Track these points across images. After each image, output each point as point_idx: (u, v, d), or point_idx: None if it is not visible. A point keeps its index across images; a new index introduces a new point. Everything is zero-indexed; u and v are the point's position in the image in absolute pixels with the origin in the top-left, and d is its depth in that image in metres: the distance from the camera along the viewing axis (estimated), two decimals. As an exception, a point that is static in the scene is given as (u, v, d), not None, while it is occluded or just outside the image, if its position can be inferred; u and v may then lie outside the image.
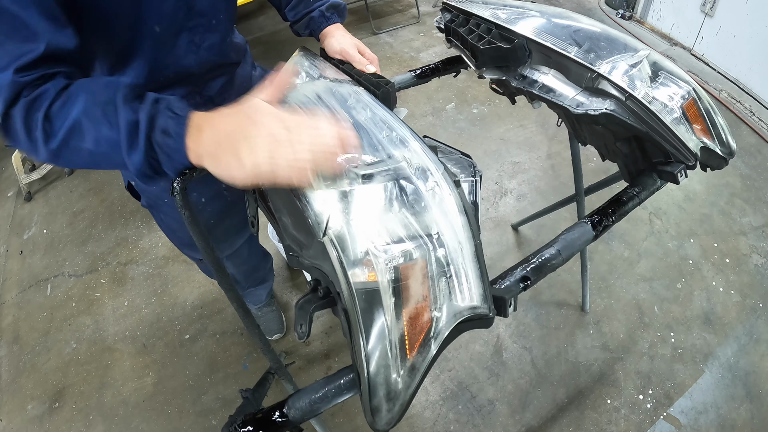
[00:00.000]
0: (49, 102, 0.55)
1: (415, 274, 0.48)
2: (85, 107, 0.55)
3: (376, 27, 3.52)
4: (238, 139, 0.53)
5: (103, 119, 0.55)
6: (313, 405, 0.51)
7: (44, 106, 0.54)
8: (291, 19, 1.00)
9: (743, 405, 1.47)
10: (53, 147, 0.55)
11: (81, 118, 0.55)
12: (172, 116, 0.56)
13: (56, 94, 0.55)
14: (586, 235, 0.66)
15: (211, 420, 1.54)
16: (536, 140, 2.47)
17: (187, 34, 0.81)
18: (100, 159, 0.58)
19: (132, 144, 0.55)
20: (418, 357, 0.47)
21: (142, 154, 0.55)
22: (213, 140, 0.54)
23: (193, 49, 0.84)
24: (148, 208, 1.10)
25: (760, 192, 2.12)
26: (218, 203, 1.10)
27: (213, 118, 0.56)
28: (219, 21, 0.86)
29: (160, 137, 0.55)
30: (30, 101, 0.54)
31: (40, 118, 0.54)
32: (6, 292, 2.05)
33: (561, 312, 1.73)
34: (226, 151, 0.53)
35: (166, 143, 0.55)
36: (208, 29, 0.84)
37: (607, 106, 0.72)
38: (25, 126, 0.55)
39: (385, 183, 0.53)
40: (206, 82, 0.92)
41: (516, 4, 0.92)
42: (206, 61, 0.88)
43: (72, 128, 0.55)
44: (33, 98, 0.54)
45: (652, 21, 3.28)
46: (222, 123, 0.55)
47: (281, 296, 1.89)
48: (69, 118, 0.54)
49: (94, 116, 0.55)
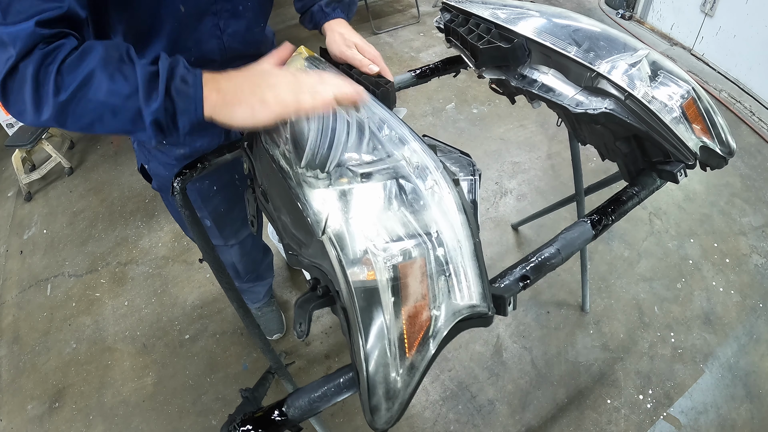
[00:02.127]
0: (65, 54, 0.55)
1: (414, 272, 0.48)
2: (100, 61, 0.56)
3: (376, 27, 3.52)
4: (259, 83, 0.59)
5: (118, 72, 0.56)
6: (312, 404, 0.50)
7: (59, 58, 0.55)
8: (298, 10, 0.98)
9: (743, 405, 1.47)
10: (62, 99, 0.55)
11: (95, 71, 0.55)
12: (188, 69, 0.60)
13: (71, 49, 0.56)
14: (585, 234, 0.66)
15: (211, 420, 1.54)
16: (536, 140, 2.47)
17: (211, 17, 0.82)
18: (108, 113, 0.57)
19: (150, 92, 0.57)
20: (417, 356, 0.47)
21: (160, 102, 0.57)
22: (232, 87, 0.59)
23: (216, 33, 0.84)
24: (159, 190, 1.11)
25: (760, 192, 2.12)
26: (230, 191, 1.12)
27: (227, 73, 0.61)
28: (246, 8, 0.86)
29: (180, 84, 0.58)
30: (45, 53, 0.55)
31: (54, 70, 0.54)
32: (6, 292, 2.05)
33: (561, 312, 1.73)
34: (248, 94, 0.58)
35: (185, 91, 0.58)
36: (233, 15, 0.84)
37: (606, 105, 0.72)
38: (34, 78, 0.54)
39: (384, 182, 0.53)
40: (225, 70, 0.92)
41: (516, 4, 0.92)
42: (229, 48, 0.88)
43: (85, 80, 0.55)
44: (49, 50, 0.55)
45: (652, 21, 3.28)
46: (237, 74, 0.61)
47: (281, 296, 1.89)
48: (83, 70, 0.55)
49: (109, 69, 0.56)
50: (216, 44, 0.86)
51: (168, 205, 1.19)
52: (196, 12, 0.79)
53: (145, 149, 1.02)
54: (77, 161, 2.72)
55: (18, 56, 0.54)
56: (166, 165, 1.01)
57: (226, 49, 0.88)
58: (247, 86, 0.60)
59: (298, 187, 0.53)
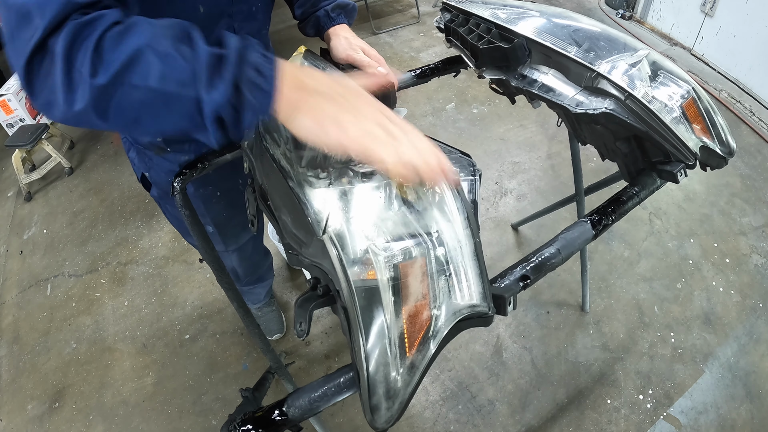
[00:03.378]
0: (106, 27, 0.45)
1: (414, 272, 0.48)
2: (150, 38, 0.45)
3: (376, 27, 3.52)
4: (343, 102, 0.50)
5: (174, 52, 0.45)
6: (312, 403, 0.50)
7: (98, 31, 0.44)
8: (298, 17, 0.99)
9: (743, 405, 1.47)
10: (101, 82, 0.44)
11: (144, 49, 0.45)
12: (263, 56, 0.49)
13: (112, 22, 0.45)
14: (585, 234, 0.66)
15: (211, 420, 1.54)
16: (536, 140, 2.48)
17: (227, 20, 0.81)
18: (161, 104, 0.46)
19: (214, 78, 0.46)
20: (417, 355, 0.47)
21: (225, 91, 0.46)
22: (317, 91, 0.50)
23: None
24: (158, 199, 1.10)
25: (760, 192, 2.12)
26: (233, 197, 1.10)
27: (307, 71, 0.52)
28: (258, 9, 0.86)
29: (253, 74, 0.47)
30: (81, 24, 0.44)
31: (91, 45, 0.43)
32: (6, 292, 2.05)
33: (561, 312, 1.73)
34: (331, 106, 0.49)
35: (258, 83, 0.47)
36: (247, 17, 0.84)
37: (606, 105, 0.72)
38: (66, 56, 0.43)
39: (384, 182, 0.53)
40: None
41: (516, 4, 0.92)
42: None
43: (131, 60, 0.44)
44: (85, 21, 0.44)
45: (652, 21, 3.28)
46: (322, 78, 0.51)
47: (281, 296, 1.89)
48: (129, 47, 0.44)
49: (162, 48, 0.45)
50: None
51: (166, 213, 1.17)
52: (215, 13, 0.78)
53: (145, 157, 0.99)
54: (77, 161, 2.72)
55: (46, 30, 0.43)
56: (169, 172, 0.98)
57: None
58: (333, 96, 0.50)
59: (299, 187, 0.53)
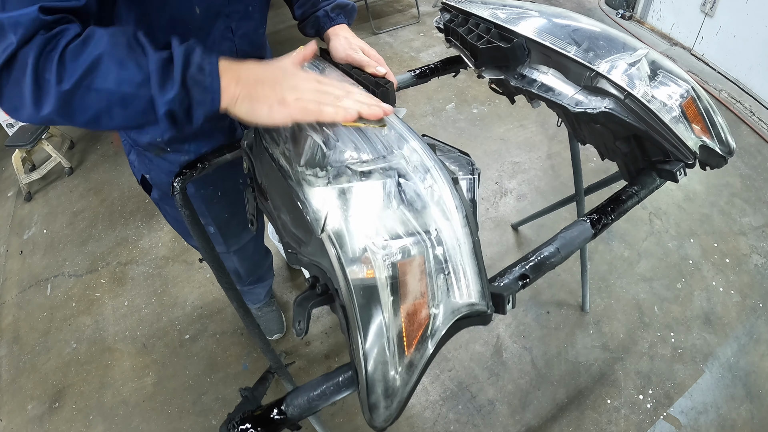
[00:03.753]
0: (68, 40, 0.51)
1: (413, 270, 0.48)
2: (107, 47, 0.52)
3: (376, 27, 3.52)
4: (281, 82, 0.57)
5: (128, 59, 0.52)
6: (311, 402, 0.50)
7: (62, 43, 0.51)
8: (298, 17, 0.99)
9: (743, 405, 1.46)
10: (66, 88, 0.51)
11: (102, 57, 0.51)
12: (204, 57, 0.56)
13: (74, 35, 0.52)
14: (585, 234, 0.66)
15: (211, 420, 1.54)
16: (536, 140, 2.48)
17: (224, 20, 0.81)
18: (118, 104, 0.53)
19: (165, 81, 0.53)
20: (416, 354, 0.47)
21: (176, 91, 0.53)
22: (254, 80, 0.57)
23: (228, 35, 0.84)
24: (158, 201, 1.09)
25: (760, 192, 2.12)
26: (234, 196, 1.10)
27: (246, 64, 0.59)
28: (254, 8, 0.86)
29: (197, 73, 0.54)
30: (47, 38, 0.51)
31: (56, 56, 0.50)
32: (6, 292, 2.05)
33: (561, 312, 1.73)
34: (269, 90, 0.56)
35: (202, 80, 0.54)
36: (243, 16, 0.84)
37: (606, 104, 0.72)
38: (35, 66, 0.50)
39: (383, 180, 0.53)
40: None
41: (515, 4, 0.92)
42: (240, 50, 0.88)
43: (91, 67, 0.51)
44: (51, 35, 0.51)
45: (652, 21, 3.28)
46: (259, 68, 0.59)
47: (281, 296, 1.89)
48: (89, 56, 0.51)
49: (118, 55, 0.52)
50: (228, 47, 0.85)
51: (166, 215, 1.17)
52: (211, 14, 0.78)
53: (145, 158, 0.99)
54: (77, 161, 2.72)
55: (18, 43, 0.50)
56: (169, 173, 0.98)
57: (238, 51, 0.87)
58: (268, 81, 0.57)
59: (298, 186, 0.53)
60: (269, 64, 0.61)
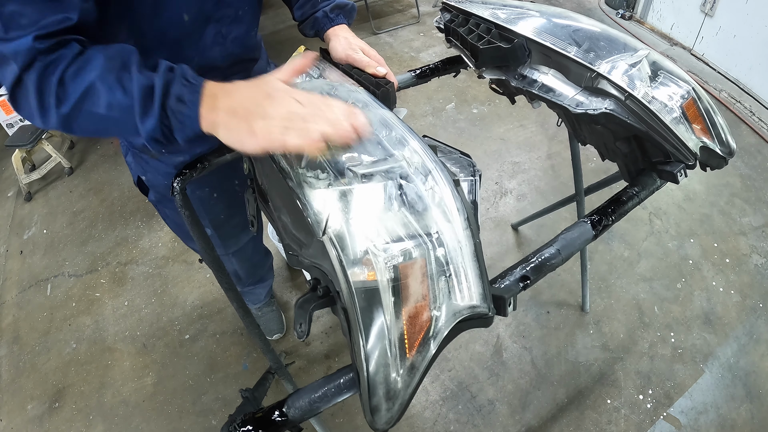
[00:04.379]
0: (65, 66, 0.55)
1: (414, 273, 0.48)
2: (100, 72, 0.55)
3: (376, 27, 3.52)
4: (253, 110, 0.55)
5: (117, 84, 0.55)
6: (312, 404, 0.50)
7: (59, 70, 0.55)
8: (298, 18, 0.99)
9: (743, 405, 1.47)
10: (65, 112, 0.56)
11: (95, 83, 0.55)
12: (186, 84, 0.57)
13: (72, 58, 0.56)
14: (585, 235, 0.66)
15: (211, 420, 1.54)
16: (536, 140, 2.48)
17: (214, 25, 0.81)
18: (111, 125, 0.58)
19: (146, 110, 0.56)
20: (417, 356, 0.47)
21: (155, 120, 0.56)
22: (228, 109, 0.56)
23: (219, 40, 0.84)
24: (156, 203, 1.09)
25: (760, 192, 2.12)
26: (230, 198, 1.10)
27: (228, 89, 0.58)
28: (245, 12, 0.86)
29: (175, 104, 0.56)
30: (45, 65, 0.54)
31: (54, 82, 0.55)
32: (6, 292, 2.05)
33: (561, 312, 1.73)
34: (240, 121, 0.55)
35: (180, 110, 0.57)
36: (234, 20, 0.84)
37: (606, 105, 0.72)
38: (37, 90, 0.55)
39: (384, 182, 0.52)
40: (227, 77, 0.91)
41: (515, 4, 0.92)
42: (231, 54, 0.87)
43: (85, 93, 0.55)
44: (48, 62, 0.55)
45: (652, 21, 3.28)
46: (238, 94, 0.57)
47: (281, 296, 1.89)
48: (83, 82, 0.55)
49: (108, 81, 0.55)
50: (219, 51, 0.85)
51: (165, 217, 1.17)
52: (200, 20, 0.78)
53: (141, 161, 0.99)
54: (77, 161, 2.72)
55: (20, 69, 0.54)
56: (165, 174, 0.99)
57: (229, 55, 0.87)
58: (241, 110, 0.56)
59: (299, 188, 0.53)
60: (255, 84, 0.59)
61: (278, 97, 0.57)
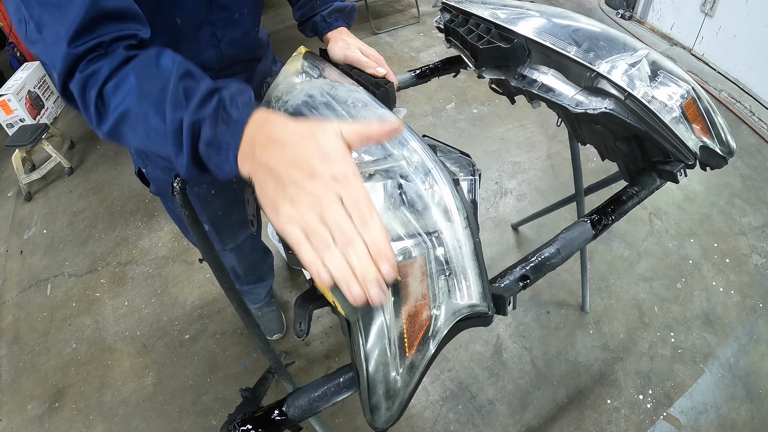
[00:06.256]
0: (103, 81, 0.52)
1: (414, 272, 0.48)
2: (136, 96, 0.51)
3: (376, 27, 3.52)
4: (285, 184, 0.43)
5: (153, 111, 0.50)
6: (312, 403, 0.51)
7: (98, 84, 0.52)
8: (297, 19, 0.99)
9: (743, 405, 1.46)
10: (105, 130, 0.54)
11: (129, 111, 0.51)
12: (224, 120, 0.48)
13: (110, 72, 0.52)
14: (585, 234, 0.66)
15: (211, 420, 1.54)
16: (536, 140, 2.48)
17: (208, 27, 0.80)
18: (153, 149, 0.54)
19: (177, 148, 0.50)
20: (417, 355, 0.47)
21: (187, 161, 0.50)
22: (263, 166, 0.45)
23: (214, 42, 0.83)
24: (157, 194, 1.10)
25: (760, 192, 2.12)
26: (227, 195, 1.10)
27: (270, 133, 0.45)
28: (242, 15, 0.85)
29: (205, 149, 0.48)
30: (85, 78, 0.52)
31: (94, 95, 0.52)
32: (6, 292, 2.05)
33: (561, 312, 1.73)
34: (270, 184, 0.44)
35: (211, 156, 0.49)
36: (230, 23, 0.83)
37: (606, 105, 0.72)
38: (82, 102, 0.53)
39: (384, 181, 0.53)
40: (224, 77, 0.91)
41: (515, 4, 0.92)
42: (226, 55, 0.87)
43: (122, 116, 0.52)
44: (88, 75, 0.52)
45: (652, 21, 3.28)
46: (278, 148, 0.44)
47: (281, 296, 1.89)
48: (119, 106, 0.51)
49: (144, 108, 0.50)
50: (214, 53, 0.85)
51: (168, 209, 1.18)
52: (194, 23, 0.78)
53: (142, 153, 1.00)
54: (77, 161, 2.72)
55: (62, 77, 0.53)
56: (163, 168, 0.99)
57: (224, 57, 0.87)
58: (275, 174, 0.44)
59: None
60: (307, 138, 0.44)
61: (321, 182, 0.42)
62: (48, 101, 3.09)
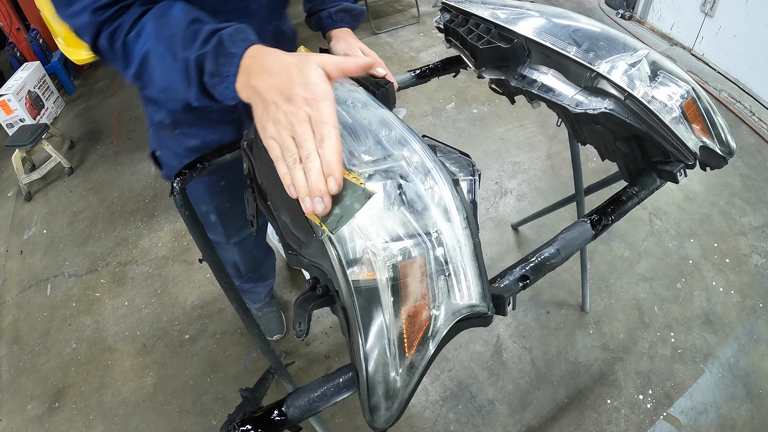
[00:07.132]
0: (126, 32, 0.61)
1: (413, 272, 0.48)
2: (154, 40, 0.60)
3: (376, 27, 3.52)
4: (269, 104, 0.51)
5: (168, 53, 0.59)
6: (312, 403, 0.50)
7: (122, 36, 0.61)
8: (306, 11, 0.99)
9: (743, 405, 1.46)
10: (132, 72, 0.63)
11: (149, 53, 0.60)
12: (223, 54, 0.56)
13: (131, 24, 0.61)
14: (585, 234, 0.66)
15: (211, 420, 1.54)
16: (536, 140, 2.48)
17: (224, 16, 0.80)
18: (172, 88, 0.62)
19: (187, 81, 0.59)
20: (416, 355, 0.47)
21: (195, 91, 0.60)
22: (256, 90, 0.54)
23: None
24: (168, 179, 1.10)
25: (760, 192, 2.12)
26: (237, 188, 1.10)
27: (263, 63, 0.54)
28: (261, 6, 0.85)
29: (209, 79, 0.58)
30: (110, 33, 0.61)
31: (120, 46, 0.62)
32: (6, 292, 2.05)
33: (561, 312, 1.73)
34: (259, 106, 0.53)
35: (214, 85, 0.58)
36: (246, 14, 0.83)
37: (606, 105, 0.72)
38: (111, 53, 0.63)
39: (383, 182, 0.52)
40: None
41: (515, 4, 0.92)
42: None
43: (144, 59, 0.61)
44: (112, 30, 0.61)
45: (652, 21, 3.28)
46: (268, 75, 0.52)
47: (281, 296, 1.89)
48: (140, 50, 0.60)
49: (160, 50, 0.60)
50: None
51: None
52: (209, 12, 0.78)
53: (159, 135, 1.01)
54: (77, 161, 2.72)
55: (92, 39, 0.62)
56: (176, 155, 1.00)
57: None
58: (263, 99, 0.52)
59: None
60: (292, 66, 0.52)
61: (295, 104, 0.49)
62: (48, 101, 3.09)
